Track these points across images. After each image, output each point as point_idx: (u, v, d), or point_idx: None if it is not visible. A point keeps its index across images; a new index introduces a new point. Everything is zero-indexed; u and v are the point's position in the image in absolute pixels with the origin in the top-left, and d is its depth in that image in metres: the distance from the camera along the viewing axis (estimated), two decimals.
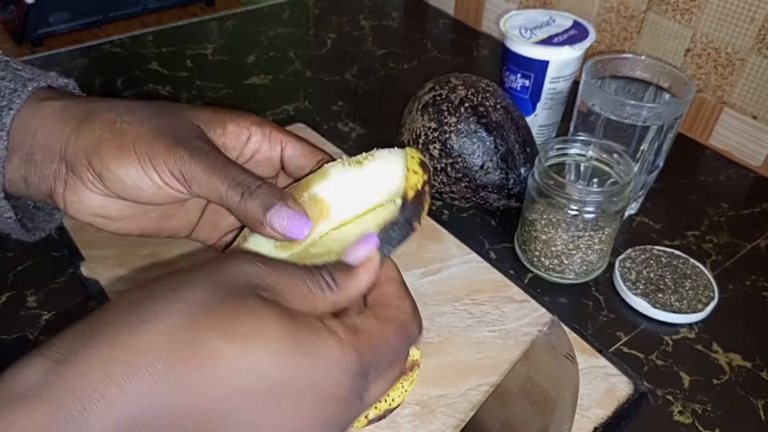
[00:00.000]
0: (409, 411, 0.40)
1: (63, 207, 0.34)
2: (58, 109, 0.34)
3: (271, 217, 0.30)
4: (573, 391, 0.41)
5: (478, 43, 0.87)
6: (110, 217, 0.35)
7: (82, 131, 0.32)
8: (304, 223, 0.31)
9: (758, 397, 0.44)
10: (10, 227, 0.37)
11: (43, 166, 0.33)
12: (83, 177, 0.33)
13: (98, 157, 0.32)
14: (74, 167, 0.33)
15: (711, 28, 0.64)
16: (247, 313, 0.23)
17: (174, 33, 0.86)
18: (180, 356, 0.22)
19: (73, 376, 0.21)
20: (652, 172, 0.55)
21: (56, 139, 0.33)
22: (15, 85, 0.34)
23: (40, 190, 0.34)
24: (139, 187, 0.32)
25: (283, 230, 0.30)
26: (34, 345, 0.44)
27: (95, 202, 0.34)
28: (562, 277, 0.51)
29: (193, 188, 0.32)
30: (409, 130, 0.56)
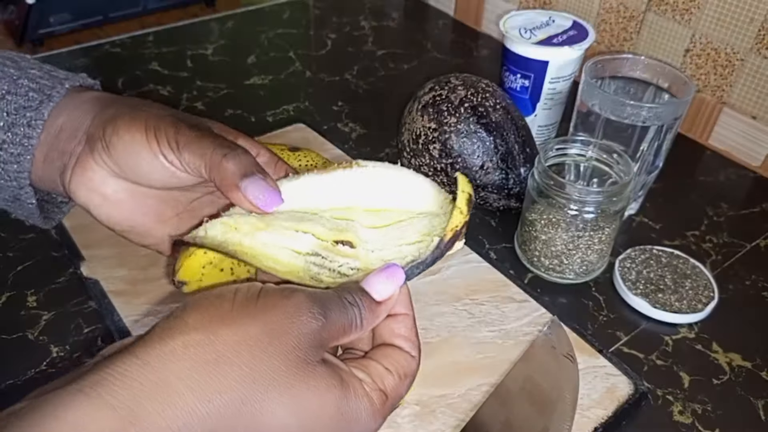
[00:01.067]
0: (409, 411, 0.40)
1: (67, 182, 0.36)
2: (94, 95, 0.36)
3: (248, 184, 0.32)
4: (573, 391, 0.41)
5: (478, 44, 0.87)
6: (105, 196, 0.36)
7: (110, 107, 0.35)
8: (275, 199, 0.32)
9: (758, 397, 0.44)
10: (30, 213, 0.38)
11: (66, 142, 0.35)
12: (94, 148, 0.34)
13: (113, 126, 0.34)
14: (91, 139, 0.35)
15: (710, 28, 0.64)
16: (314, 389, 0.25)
17: (174, 33, 0.86)
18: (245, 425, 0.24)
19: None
20: (652, 172, 0.55)
21: (86, 115, 0.35)
22: (52, 83, 0.36)
23: (54, 167, 0.36)
24: (139, 155, 0.34)
25: (255, 199, 0.32)
26: (34, 345, 0.44)
27: (96, 176, 0.35)
28: (562, 277, 0.51)
29: (183, 154, 0.33)
30: (409, 130, 0.56)
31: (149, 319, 0.45)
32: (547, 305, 0.48)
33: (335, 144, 0.64)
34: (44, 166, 0.36)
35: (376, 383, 0.28)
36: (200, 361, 0.24)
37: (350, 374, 0.27)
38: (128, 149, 0.34)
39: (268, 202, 0.32)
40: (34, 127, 0.35)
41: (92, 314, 0.47)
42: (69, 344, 0.45)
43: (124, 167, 0.34)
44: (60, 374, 0.42)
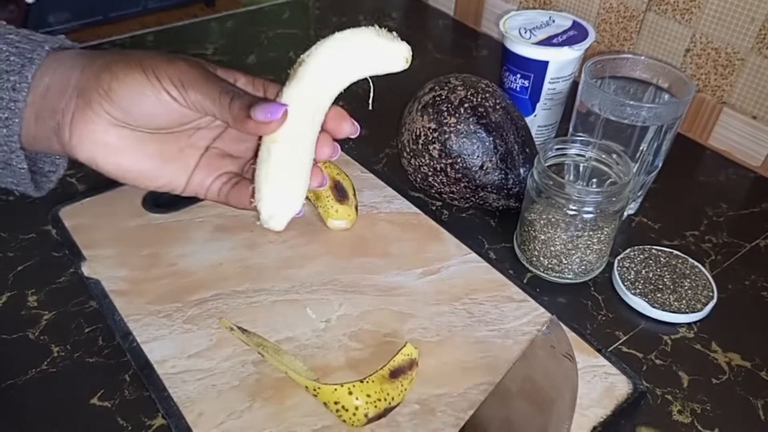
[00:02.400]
0: (408, 410, 0.40)
1: (67, 139, 0.36)
2: (77, 51, 0.37)
3: (255, 110, 0.34)
4: (572, 390, 0.41)
5: (478, 44, 0.87)
6: (111, 146, 0.36)
7: (97, 59, 0.36)
8: (281, 107, 0.35)
9: (757, 397, 0.44)
10: (21, 179, 0.38)
11: (55, 99, 0.36)
12: (92, 99, 0.35)
13: (108, 72, 0.35)
14: (85, 91, 0.35)
15: (711, 28, 0.64)
16: None
17: (174, 33, 0.86)
18: None
19: None
20: (651, 173, 0.55)
21: (72, 71, 0.36)
22: (32, 46, 0.36)
23: (47, 126, 0.36)
24: (142, 94, 0.35)
25: (264, 115, 0.34)
26: (34, 345, 0.44)
27: (98, 127, 0.36)
28: (561, 277, 0.51)
29: (189, 93, 0.35)
30: (409, 130, 0.56)
31: (150, 318, 0.45)
32: (546, 305, 0.48)
33: None
34: (36, 126, 0.36)
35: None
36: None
37: None
38: (131, 91, 0.35)
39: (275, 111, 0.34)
40: (20, 90, 0.35)
41: (93, 314, 0.47)
42: (70, 344, 0.45)
43: (128, 110, 0.35)
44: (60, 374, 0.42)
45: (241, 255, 0.51)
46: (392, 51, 0.35)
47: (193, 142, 0.39)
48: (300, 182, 0.36)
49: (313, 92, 0.35)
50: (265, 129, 0.34)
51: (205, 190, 0.40)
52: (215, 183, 0.39)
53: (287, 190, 0.35)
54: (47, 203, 0.54)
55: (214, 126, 0.40)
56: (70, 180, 0.59)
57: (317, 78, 0.35)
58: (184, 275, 0.49)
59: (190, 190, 0.40)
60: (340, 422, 0.39)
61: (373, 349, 0.44)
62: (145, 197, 0.55)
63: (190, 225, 0.53)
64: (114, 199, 0.55)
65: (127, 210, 0.54)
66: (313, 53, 0.35)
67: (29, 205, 0.56)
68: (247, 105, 0.34)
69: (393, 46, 0.35)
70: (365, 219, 0.55)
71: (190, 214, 0.54)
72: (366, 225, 0.54)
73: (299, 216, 0.36)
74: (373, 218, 0.55)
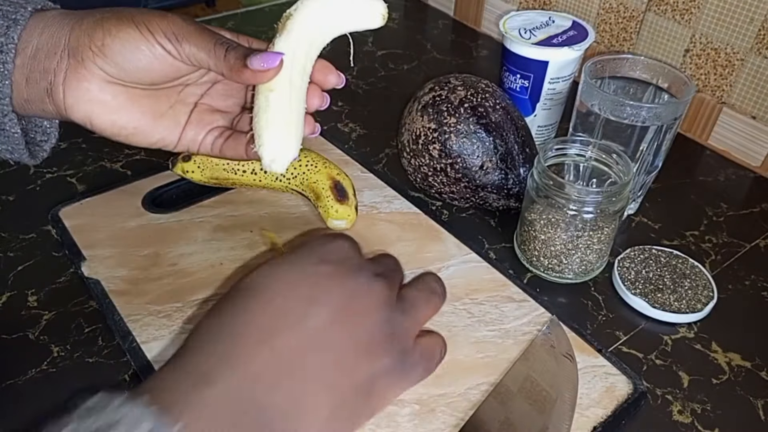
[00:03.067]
0: (409, 410, 0.40)
1: (61, 99, 0.36)
2: (62, 12, 0.37)
3: (251, 59, 0.35)
4: (572, 390, 0.41)
5: (478, 44, 0.87)
6: (106, 103, 0.37)
7: (86, 18, 0.36)
8: (277, 55, 0.36)
9: (758, 397, 0.44)
10: (15, 145, 0.38)
11: (46, 60, 0.36)
12: (85, 56, 0.35)
13: (101, 28, 0.35)
14: (77, 50, 0.35)
15: (710, 28, 0.64)
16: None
17: None
18: None
19: None
20: (651, 173, 0.55)
21: (61, 31, 0.36)
22: (14, 8, 0.36)
23: (39, 88, 0.36)
24: (137, 48, 0.35)
25: (261, 64, 0.35)
26: (34, 345, 0.44)
27: (92, 85, 0.36)
28: (561, 277, 0.51)
29: (183, 46, 0.36)
30: (409, 130, 0.56)
31: (150, 318, 0.45)
32: (546, 305, 0.48)
33: (335, 144, 0.64)
34: (28, 88, 0.36)
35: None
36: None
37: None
38: (125, 46, 0.35)
39: (272, 60, 0.35)
40: (7, 52, 0.35)
41: (93, 314, 0.47)
42: (70, 344, 0.45)
43: (122, 65, 0.35)
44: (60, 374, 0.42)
45: (241, 255, 0.51)
46: (371, 8, 0.38)
47: (182, 99, 0.40)
48: (297, 128, 0.38)
49: (302, 42, 0.37)
50: (261, 77, 0.36)
51: (198, 145, 0.41)
52: (207, 137, 0.41)
53: (287, 135, 0.37)
54: (47, 203, 0.54)
55: (202, 82, 0.41)
56: (70, 180, 0.59)
57: (305, 29, 0.37)
58: (184, 275, 0.49)
59: (183, 145, 0.41)
60: None
61: None
62: (145, 197, 0.55)
63: (190, 225, 0.53)
64: (114, 199, 0.55)
65: (127, 210, 0.54)
66: (300, 7, 0.37)
67: (29, 205, 0.56)
68: (243, 55, 0.35)
69: (371, 3, 0.38)
70: (365, 219, 0.55)
71: (190, 214, 0.54)
72: (366, 225, 0.54)
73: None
74: (373, 218, 0.55)
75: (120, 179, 0.58)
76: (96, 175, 0.60)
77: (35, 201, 0.56)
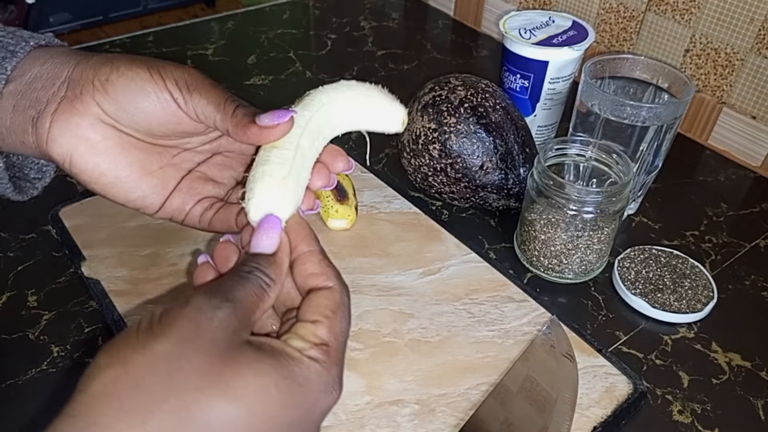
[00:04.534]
0: (409, 410, 0.40)
1: (45, 129, 0.34)
2: (70, 49, 0.36)
3: (261, 116, 0.33)
4: (572, 390, 0.41)
5: (478, 44, 0.87)
6: (93, 143, 0.34)
7: (96, 55, 0.35)
8: (288, 112, 0.34)
9: (758, 397, 0.44)
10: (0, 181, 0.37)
11: (41, 90, 0.34)
12: (84, 90, 0.34)
13: (110, 64, 0.34)
14: (78, 82, 0.34)
15: (710, 28, 0.64)
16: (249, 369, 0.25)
17: (174, 33, 0.86)
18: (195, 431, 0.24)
19: None
20: (651, 173, 0.55)
21: (66, 63, 0.35)
22: (16, 41, 0.35)
23: (25, 116, 0.34)
24: (143, 89, 0.34)
25: (272, 120, 0.33)
26: (34, 345, 0.44)
27: (84, 121, 0.34)
28: (561, 277, 0.51)
29: (193, 96, 0.34)
30: (409, 130, 0.56)
31: None
32: (546, 305, 0.48)
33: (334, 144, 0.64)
34: (13, 115, 0.34)
35: (311, 340, 0.28)
36: (120, 393, 0.23)
37: (282, 345, 0.27)
38: (131, 85, 0.34)
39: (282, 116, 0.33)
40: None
41: (93, 314, 0.47)
42: (69, 344, 0.45)
43: (124, 104, 0.34)
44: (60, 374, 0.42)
45: None
46: (392, 113, 0.37)
47: (176, 163, 0.37)
48: (295, 191, 0.34)
49: (318, 118, 0.36)
50: (268, 134, 0.33)
51: (185, 215, 0.37)
52: (196, 208, 0.37)
53: (282, 191, 0.33)
54: (47, 203, 0.54)
55: (201, 150, 0.38)
56: (70, 180, 0.59)
57: (324, 108, 0.36)
58: (184, 275, 0.49)
59: (166, 212, 0.37)
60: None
61: (373, 350, 0.44)
62: None
63: None
64: None
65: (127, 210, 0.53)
66: (321, 89, 0.36)
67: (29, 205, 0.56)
68: (252, 112, 0.34)
69: (393, 108, 0.37)
70: (365, 219, 0.55)
71: None
72: (366, 225, 0.54)
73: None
74: (373, 218, 0.55)
75: None
76: None
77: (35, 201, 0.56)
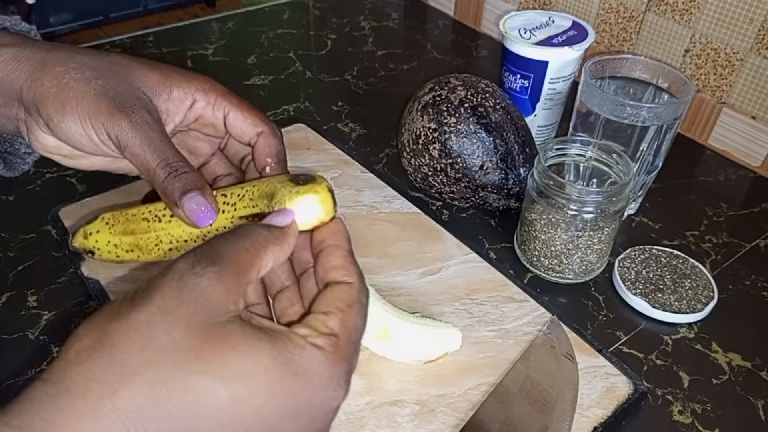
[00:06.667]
0: (409, 410, 0.40)
1: (28, 141, 0.37)
2: (11, 57, 0.35)
3: (186, 201, 0.32)
4: (572, 390, 0.41)
5: (478, 44, 0.87)
6: (65, 155, 0.37)
7: (33, 82, 0.34)
8: (210, 215, 0.33)
9: (758, 397, 0.44)
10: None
11: (5, 108, 0.36)
12: (37, 122, 0.35)
13: (45, 109, 0.34)
14: (29, 112, 0.35)
15: (710, 28, 0.64)
16: (232, 349, 0.23)
17: (174, 33, 0.86)
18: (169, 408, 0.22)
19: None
20: (652, 173, 0.55)
21: (12, 86, 0.35)
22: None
23: (8, 129, 0.37)
24: (79, 141, 0.34)
25: (190, 214, 0.33)
26: (34, 345, 0.44)
27: (50, 143, 0.36)
28: (561, 277, 0.51)
29: (126, 154, 0.34)
30: (409, 130, 0.56)
31: None
32: (546, 305, 0.48)
33: (335, 144, 0.64)
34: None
35: (319, 330, 0.26)
36: (94, 361, 0.22)
37: (285, 332, 0.25)
38: (68, 136, 0.34)
39: (201, 220, 0.33)
40: None
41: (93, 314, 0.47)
42: None
43: (69, 143, 0.35)
44: None
45: None
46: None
47: None
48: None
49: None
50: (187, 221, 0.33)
51: None
52: None
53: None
54: (47, 203, 0.54)
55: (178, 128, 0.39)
56: (70, 180, 0.59)
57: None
58: None
59: None
60: None
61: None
62: (145, 197, 0.55)
63: None
64: (114, 199, 0.55)
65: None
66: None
67: (29, 205, 0.56)
68: (179, 191, 0.33)
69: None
70: (365, 219, 0.55)
71: None
72: (366, 225, 0.54)
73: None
74: (373, 218, 0.55)
75: (120, 179, 0.57)
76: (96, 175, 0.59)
77: (35, 201, 0.56)
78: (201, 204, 0.33)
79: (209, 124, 0.38)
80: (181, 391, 0.22)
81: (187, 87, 0.37)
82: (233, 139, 0.40)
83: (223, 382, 0.23)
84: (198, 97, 0.37)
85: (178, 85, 0.37)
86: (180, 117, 0.37)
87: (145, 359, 0.22)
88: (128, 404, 0.22)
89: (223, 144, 0.41)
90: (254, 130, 0.38)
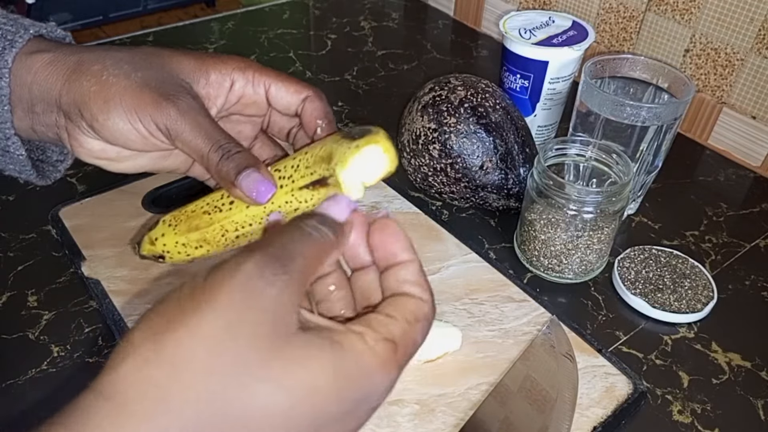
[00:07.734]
0: (409, 410, 0.40)
1: (70, 149, 0.36)
2: (48, 62, 0.35)
3: (242, 179, 0.32)
4: (572, 390, 0.41)
5: (478, 44, 0.87)
6: (111, 158, 0.36)
7: (72, 84, 0.34)
8: (269, 189, 0.33)
9: (758, 397, 0.44)
10: (22, 166, 0.38)
11: (44, 116, 0.35)
12: (80, 126, 0.34)
13: (88, 109, 0.33)
14: (70, 117, 0.34)
15: (710, 28, 0.64)
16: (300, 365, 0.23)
17: (174, 33, 0.86)
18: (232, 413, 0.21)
19: None
20: (651, 172, 0.55)
21: (50, 92, 0.34)
22: (16, 29, 0.35)
23: (48, 137, 0.36)
24: (127, 138, 0.34)
25: (249, 192, 0.33)
26: (34, 345, 0.44)
27: (95, 146, 0.35)
28: (561, 277, 0.51)
29: (177, 143, 0.34)
30: (409, 130, 0.56)
31: None
32: (546, 305, 0.48)
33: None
34: (37, 134, 0.36)
35: (379, 332, 0.25)
36: (154, 379, 0.21)
37: (343, 331, 0.24)
38: (114, 133, 0.33)
39: (261, 195, 0.33)
40: (1, 77, 0.34)
41: (93, 314, 0.47)
42: (70, 344, 0.45)
43: (115, 143, 0.35)
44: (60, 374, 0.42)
45: None
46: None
47: None
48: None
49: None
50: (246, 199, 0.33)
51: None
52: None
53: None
54: (47, 203, 0.54)
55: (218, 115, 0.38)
56: (70, 180, 0.59)
57: None
58: (184, 275, 0.49)
59: (194, 172, 0.40)
60: None
61: None
62: (145, 197, 0.55)
63: None
64: (114, 199, 0.55)
65: (127, 210, 0.54)
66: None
67: (29, 205, 0.56)
68: (235, 170, 0.33)
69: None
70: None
71: None
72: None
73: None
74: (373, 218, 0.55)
75: (120, 179, 0.58)
76: (96, 175, 0.60)
77: (35, 201, 0.56)
78: (257, 180, 0.33)
79: (251, 103, 0.38)
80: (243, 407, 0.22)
81: (224, 68, 0.37)
82: (277, 113, 0.39)
83: (289, 398, 0.22)
84: (236, 77, 0.37)
85: (214, 67, 0.36)
86: (222, 100, 0.37)
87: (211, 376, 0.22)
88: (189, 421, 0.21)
89: (266, 122, 0.40)
90: (299, 97, 0.37)
